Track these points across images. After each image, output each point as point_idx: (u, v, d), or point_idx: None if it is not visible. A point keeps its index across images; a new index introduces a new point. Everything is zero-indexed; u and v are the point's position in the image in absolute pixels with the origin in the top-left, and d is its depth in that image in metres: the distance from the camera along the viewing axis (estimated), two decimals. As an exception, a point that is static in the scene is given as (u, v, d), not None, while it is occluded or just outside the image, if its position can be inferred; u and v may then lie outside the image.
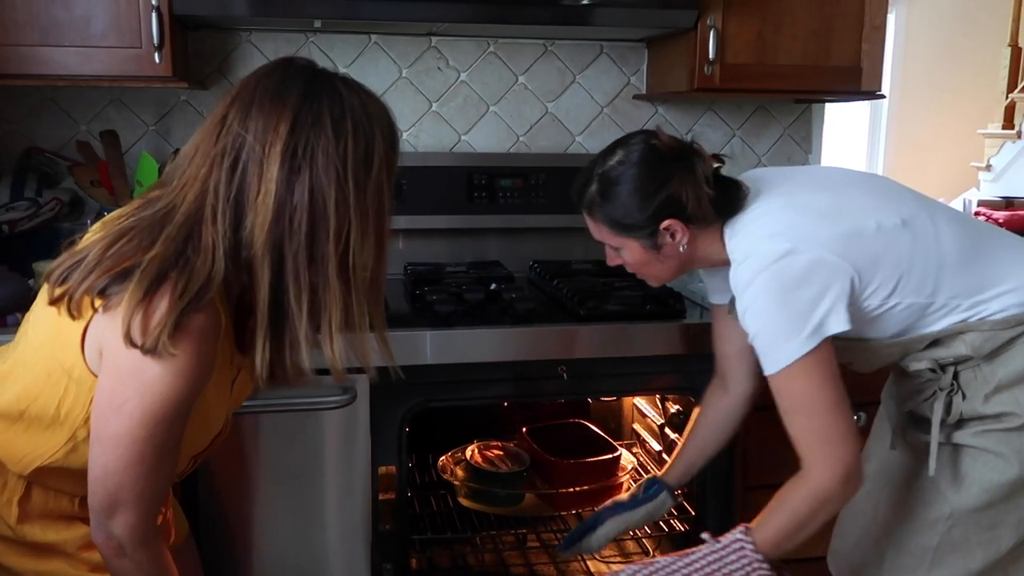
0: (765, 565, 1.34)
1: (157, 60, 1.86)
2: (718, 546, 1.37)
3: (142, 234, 1.07)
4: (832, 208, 1.40)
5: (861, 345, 1.44)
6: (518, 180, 2.31)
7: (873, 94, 2.23)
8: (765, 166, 2.53)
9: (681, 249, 1.44)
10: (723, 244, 1.44)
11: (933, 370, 1.45)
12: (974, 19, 6.72)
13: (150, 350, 1.02)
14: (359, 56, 2.29)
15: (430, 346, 1.74)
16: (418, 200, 2.24)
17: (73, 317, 1.09)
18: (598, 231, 1.48)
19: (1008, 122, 6.17)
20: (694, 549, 1.39)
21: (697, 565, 1.37)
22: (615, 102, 2.45)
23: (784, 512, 1.36)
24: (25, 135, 2.18)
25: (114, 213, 1.16)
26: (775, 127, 2.55)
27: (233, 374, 1.20)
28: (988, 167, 6.24)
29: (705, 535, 1.41)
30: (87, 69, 1.86)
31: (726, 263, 1.44)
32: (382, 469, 1.78)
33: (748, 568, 1.34)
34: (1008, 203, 5.48)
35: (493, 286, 1.98)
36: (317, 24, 2.11)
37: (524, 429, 2.19)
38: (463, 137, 2.39)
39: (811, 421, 1.34)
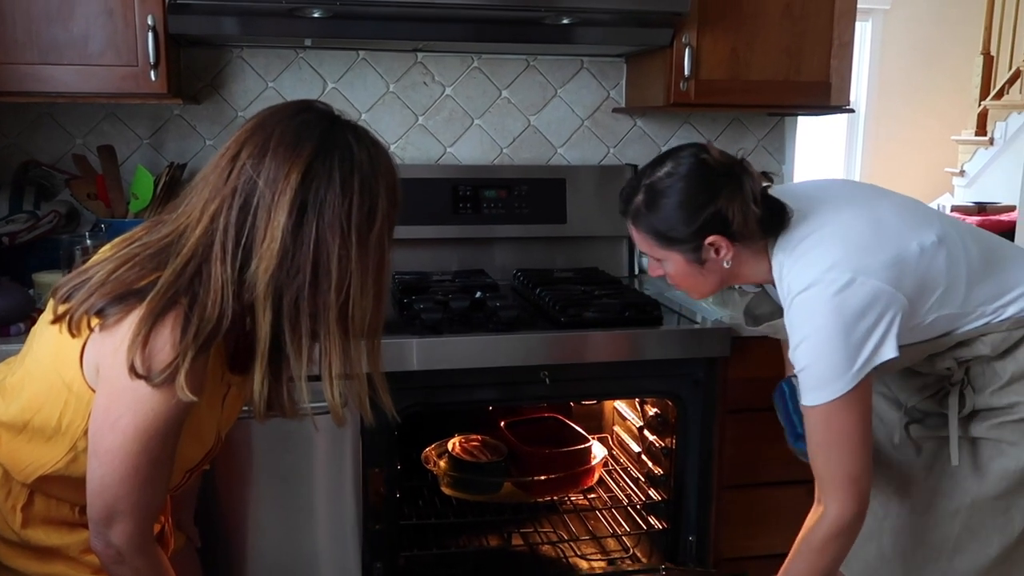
0: None
1: (153, 78, 1.93)
2: None
3: (146, 261, 1.12)
4: (877, 233, 1.41)
5: None
6: (502, 191, 2.39)
7: (841, 108, 2.32)
8: (740, 177, 2.63)
9: (725, 265, 1.42)
10: (768, 263, 1.44)
11: (949, 367, 1.49)
12: (948, 28, 6.86)
13: (158, 384, 1.07)
14: (347, 71, 2.37)
15: (418, 353, 1.80)
16: (405, 211, 2.26)
17: (73, 335, 1.14)
18: (642, 242, 1.46)
19: (981, 129, 6.30)
20: None
21: None
22: (595, 115, 2.53)
23: (808, 562, 1.41)
24: (22, 148, 2.24)
25: (123, 235, 1.22)
26: (749, 139, 2.64)
27: (224, 391, 1.25)
28: (962, 173, 6.37)
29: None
30: (85, 87, 1.93)
31: (768, 281, 1.47)
32: (372, 470, 1.85)
33: None
34: (981, 208, 5.62)
35: (478, 294, 2.05)
36: (308, 42, 2.19)
37: (502, 423, 2.27)
38: (448, 149, 2.46)
39: (842, 457, 1.37)
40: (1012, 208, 5.19)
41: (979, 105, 6.32)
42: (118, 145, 2.22)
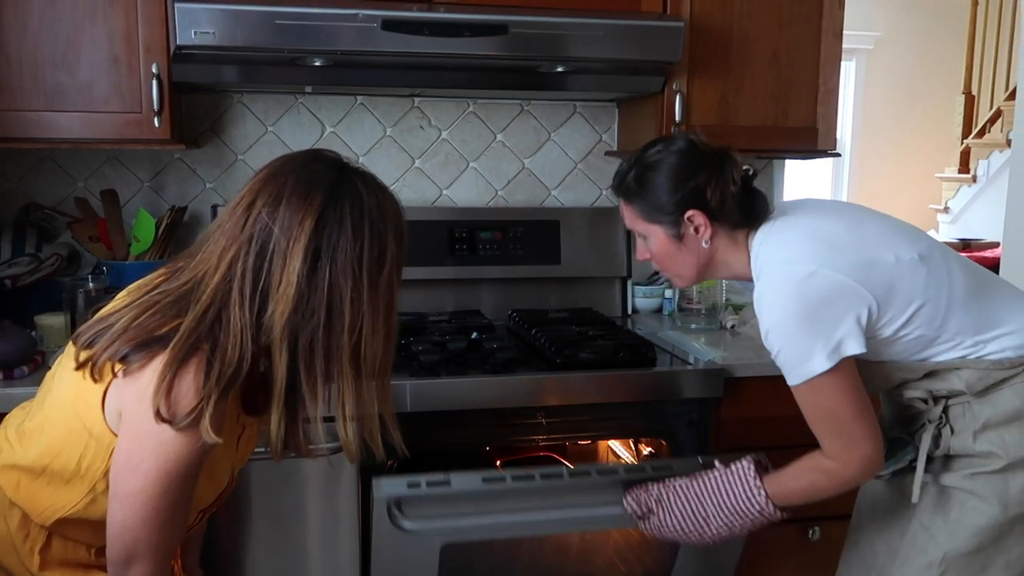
0: (762, 500, 1.49)
1: (156, 124, 1.97)
2: (726, 473, 1.53)
3: (167, 308, 1.16)
4: (852, 238, 1.46)
5: (864, 365, 1.48)
6: (497, 232, 2.43)
7: (827, 153, 2.38)
8: (730, 218, 2.69)
9: (704, 244, 1.51)
10: (747, 256, 1.52)
11: (925, 400, 1.51)
12: (929, 68, 7.00)
13: (183, 428, 1.10)
14: (345, 116, 2.41)
15: (412, 395, 1.83)
16: None
17: (95, 380, 1.17)
18: (629, 216, 1.57)
19: (964, 166, 6.40)
20: (704, 473, 1.55)
21: (708, 488, 1.53)
22: (588, 158, 2.59)
23: (805, 481, 1.48)
24: (24, 191, 2.27)
25: (140, 281, 1.25)
26: (739, 181, 2.69)
27: (239, 432, 1.28)
28: (946, 209, 6.47)
29: (716, 462, 1.56)
30: (90, 133, 1.97)
31: (747, 277, 1.53)
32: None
33: (748, 497, 1.50)
34: (966, 244, 5.71)
35: (474, 335, 2.09)
36: (308, 89, 2.24)
37: (498, 461, 2.29)
38: (444, 192, 2.51)
39: (835, 427, 1.43)
40: (996, 244, 5.27)
41: (962, 143, 6.43)
42: (119, 188, 2.25)
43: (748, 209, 1.52)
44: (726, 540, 1.57)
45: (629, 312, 2.57)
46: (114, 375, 1.16)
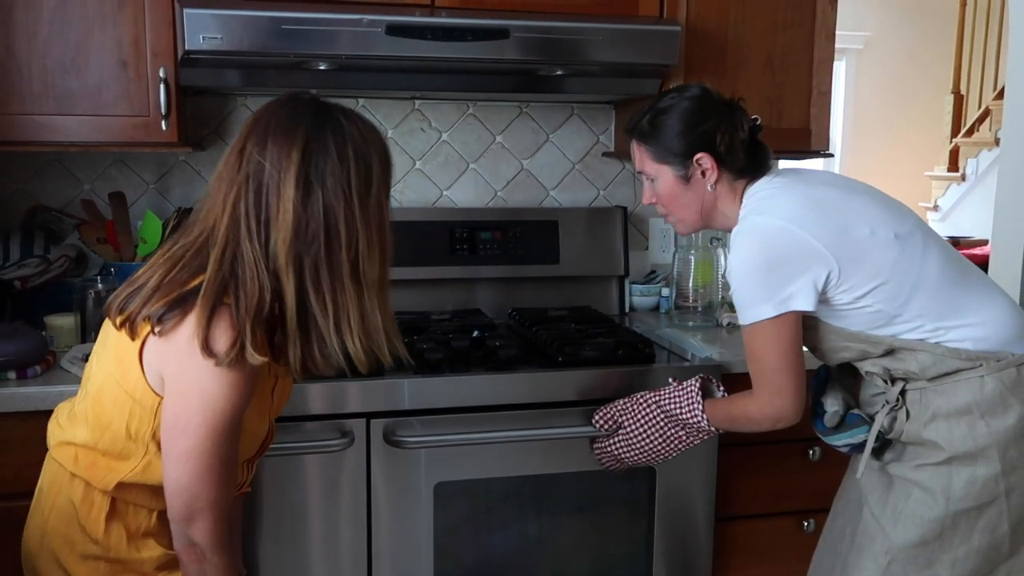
0: (698, 412, 1.70)
1: (164, 127, 2.00)
2: (678, 388, 1.75)
3: (191, 260, 1.24)
4: (835, 206, 1.55)
5: (824, 332, 1.59)
6: (497, 233, 2.47)
7: (821, 153, 2.43)
8: (725, 217, 2.74)
9: (709, 188, 1.61)
10: (739, 208, 1.61)
11: (885, 380, 1.57)
12: (919, 68, 7.07)
13: (230, 364, 1.18)
14: (347, 118, 2.45)
15: (414, 392, 1.87)
16: (403, 252, 2.34)
17: (132, 338, 1.25)
18: (640, 157, 1.66)
19: (953, 165, 6.47)
20: (661, 388, 1.78)
21: (662, 397, 1.76)
22: (586, 159, 2.63)
23: (729, 410, 1.67)
24: (31, 194, 2.30)
25: (159, 250, 1.33)
26: (733, 181, 2.74)
27: (272, 383, 1.38)
28: (935, 207, 6.54)
29: (671, 380, 1.79)
30: (98, 136, 2.00)
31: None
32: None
33: (690, 409, 1.71)
34: (955, 242, 5.77)
35: (476, 333, 2.13)
36: (312, 93, 2.26)
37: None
38: (445, 193, 2.55)
39: (764, 372, 1.56)
40: (985, 242, 5.34)
41: (951, 142, 6.51)
42: (125, 190, 2.28)
43: (752, 158, 1.62)
44: (672, 451, 1.77)
45: (627, 310, 2.61)
46: (152, 332, 1.23)
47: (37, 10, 1.93)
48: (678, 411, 1.72)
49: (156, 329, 1.21)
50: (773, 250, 1.50)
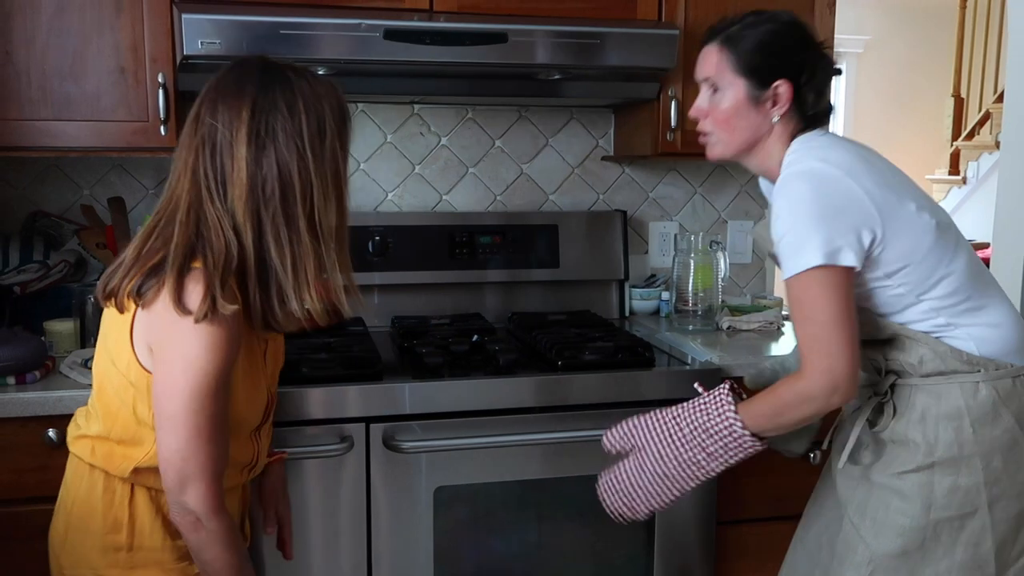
0: (738, 425, 1.48)
1: (163, 132, 2.01)
2: (705, 398, 1.53)
3: (164, 229, 1.27)
4: (887, 173, 1.49)
5: None
6: (496, 237, 2.47)
7: (821, 157, 2.42)
8: (726, 221, 2.74)
9: (773, 120, 1.52)
10: (783, 153, 1.52)
11: (879, 370, 1.53)
12: (919, 71, 7.07)
13: (203, 319, 1.21)
14: (347, 123, 2.45)
15: (413, 396, 1.86)
16: (403, 257, 2.40)
17: (121, 312, 1.28)
18: (716, 65, 1.54)
19: (954, 168, 6.46)
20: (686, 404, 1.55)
21: (686, 411, 1.53)
22: (585, 163, 2.63)
23: (771, 399, 1.48)
24: (30, 199, 2.30)
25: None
26: (733, 185, 2.74)
27: (262, 347, 1.39)
28: (936, 211, 6.51)
29: (697, 386, 1.58)
30: (97, 142, 2.00)
31: (773, 176, 1.54)
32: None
33: (719, 415, 1.50)
34: (956, 245, 5.77)
35: (475, 338, 2.13)
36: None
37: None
38: (444, 197, 2.55)
39: (815, 330, 1.41)
40: (986, 245, 5.33)
41: (951, 145, 6.50)
42: (124, 195, 2.28)
43: (819, 103, 1.54)
44: (704, 472, 1.52)
45: (626, 314, 2.61)
46: (137, 307, 1.26)
47: (36, 16, 1.94)
48: (704, 418, 1.50)
49: (139, 302, 1.25)
50: (830, 198, 1.42)
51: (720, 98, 1.54)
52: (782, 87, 1.51)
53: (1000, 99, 5.59)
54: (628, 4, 2.21)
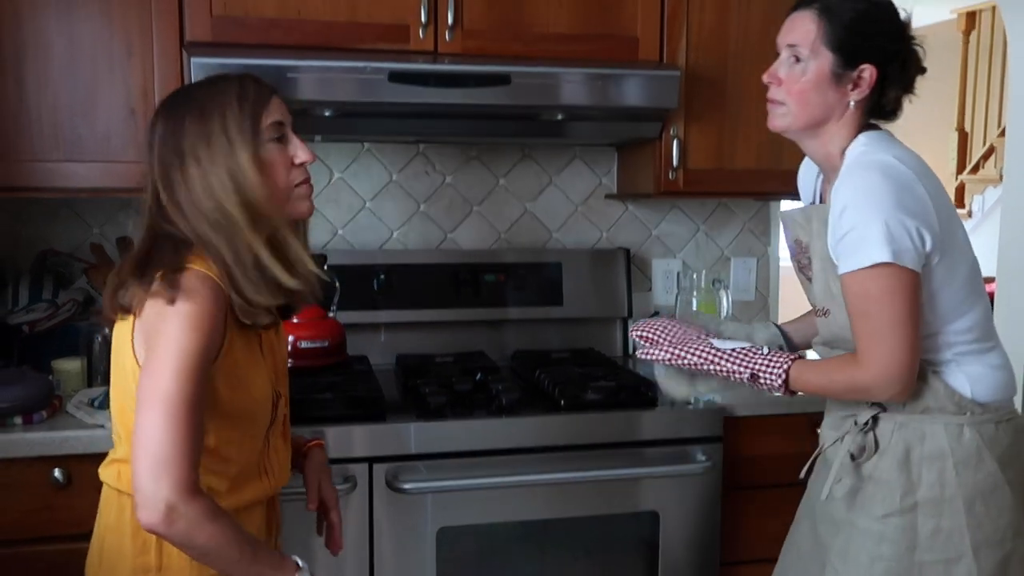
0: (781, 378, 1.49)
1: (171, 173, 2.03)
2: (756, 350, 1.54)
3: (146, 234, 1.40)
4: (944, 197, 1.47)
5: (844, 316, 1.48)
6: (500, 275, 2.49)
7: (822, 195, 2.44)
8: (729, 258, 2.75)
9: (850, 103, 1.48)
10: (847, 145, 1.49)
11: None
12: (923, 105, 7.06)
13: (169, 290, 1.26)
14: (353, 162, 2.48)
15: (416, 436, 1.87)
16: (407, 295, 2.42)
17: (123, 319, 1.34)
18: (806, 32, 1.47)
19: (959, 202, 6.48)
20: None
21: (733, 353, 1.55)
22: (588, 201, 2.65)
23: (823, 377, 1.49)
24: (42, 237, 2.33)
25: None
26: (735, 222, 2.76)
27: (256, 338, 1.41)
28: (942, 244, 6.51)
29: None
30: (107, 182, 2.03)
31: (829, 163, 1.52)
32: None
33: (766, 367, 1.51)
34: (962, 278, 5.77)
35: (479, 376, 2.14)
36: (317, 138, 2.31)
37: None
38: (449, 235, 2.57)
39: (876, 327, 1.39)
40: (991, 279, 5.33)
41: (956, 179, 6.52)
42: (133, 235, 2.30)
43: (897, 101, 1.53)
44: (719, 357, 1.55)
45: (630, 352, 2.61)
46: (135, 316, 1.31)
47: (47, 58, 1.98)
48: (759, 357, 1.52)
49: (136, 312, 1.29)
50: (904, 192, 1.39)
51: (804, 68, 1.49)
52: (867, 71, 1.47)
53: (1004, 133, 5.61)
54: (630, 46, 2.24)
